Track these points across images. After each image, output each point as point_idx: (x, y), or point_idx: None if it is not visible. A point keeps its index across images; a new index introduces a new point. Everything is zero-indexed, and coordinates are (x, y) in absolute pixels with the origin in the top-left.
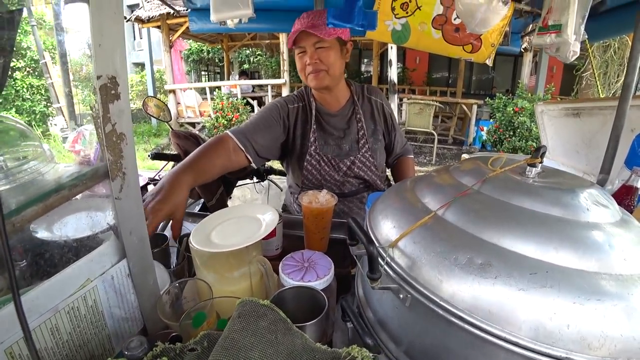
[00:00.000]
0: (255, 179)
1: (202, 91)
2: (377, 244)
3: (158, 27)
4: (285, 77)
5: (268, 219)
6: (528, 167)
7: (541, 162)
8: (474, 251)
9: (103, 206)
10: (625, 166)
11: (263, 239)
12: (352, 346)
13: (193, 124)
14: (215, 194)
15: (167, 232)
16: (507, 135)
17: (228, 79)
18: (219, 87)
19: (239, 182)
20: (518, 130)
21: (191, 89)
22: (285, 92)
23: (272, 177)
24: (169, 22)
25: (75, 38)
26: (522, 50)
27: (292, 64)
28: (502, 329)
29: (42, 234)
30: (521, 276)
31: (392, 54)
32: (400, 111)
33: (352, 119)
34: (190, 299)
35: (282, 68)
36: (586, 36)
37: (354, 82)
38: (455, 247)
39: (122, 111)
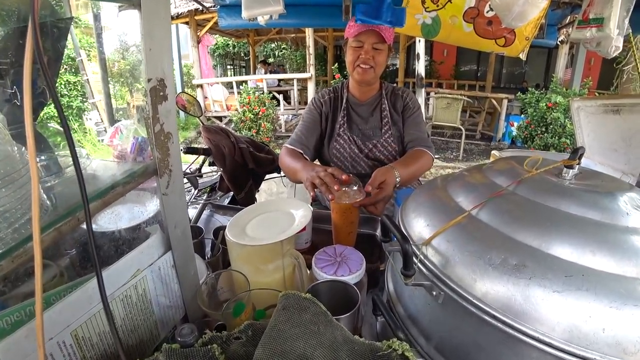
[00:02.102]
0: (282, 173)
1: (228, 85)
2: (411, 242)
3: (186, 23)
4: (311, 71)
5: (301, 214)
6: (565, 169)
7: (579, 164)
8: (509, 252)
9: (142, 200)
10: None
11: None
12: (393, 339)
13: (220, 118)
14: (244, 188)
15: (201, 224)
16: (539, 132)
17: (254, 72)
18: (245, 82)
19: (267, 176)
20: (551, 126)
21: (218, 83)
22: (310, 86)
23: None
24: (196, 17)
25: (110, 37)
26: (558, 43)
27: (317, 58)
28: (536, 329)
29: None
30: (556, 278)
31: (420, 47)
32: (427, 105)
33: (377, 108)
34: (226, 289)
35: (308, 62)
36: (630, 30)
37: (386, 82)
38: (489, 247)
39: (169, 111)
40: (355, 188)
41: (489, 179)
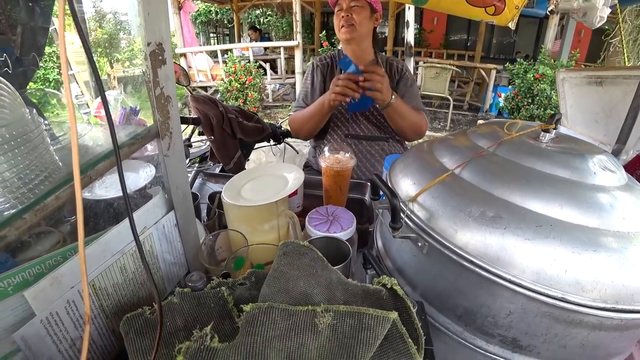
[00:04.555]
0: (272, 142)
1: (212, 54)
2: (399, 198)
3: None
4: (298, 39)
5: (294, 177)
6: (542, 133)
7: (555, 129)
8: (487, 205)
9: (138, 167)
10: None
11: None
12: (383, 276)
13: (205, 88)
14: (233, 158)
15: (195, 190)
16: (525, 103)
17: (238, 41)
18: (230, 50)
19: (256, 145)
20: (537, 97)
21: (202, 52)
22: (297, 54)
23: (289, 139)
24: None
25: (84, 5)
26: (548, 12)
27: (303, 25)
28: (508, 272)
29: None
30: (528, 228)
31: (410, 14)
32: (415, 75)
33: None
34: (224, 249)
35: (295, 29)
36: (616, 1)
37: (381, 53)
38: (469, 202)
39: (167, 76)
40: (347, 155)
41: (472, 142)
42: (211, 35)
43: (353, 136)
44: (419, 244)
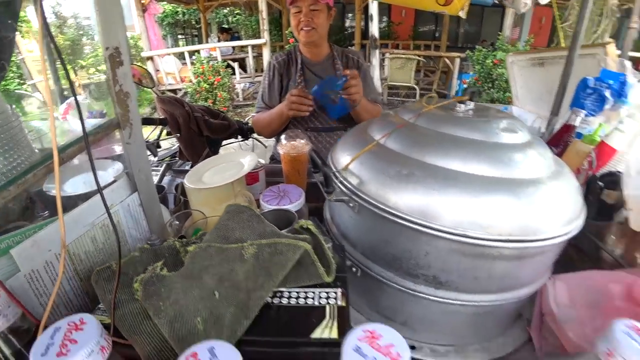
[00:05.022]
0: (240, 138)
1: (180, 56)
2: (333, 168)
3: None
4: (265, 37)
5: (248, 160)
6: (457, 104)
7: (470, 100)
8: (403, 166)
9: (107, 166)
10: (570, 108)
11: (248, 184)
12: (301, 220)
13: (174, 91)
14: (201, 155)
15: (165, 184)
16: (486, 87)
17: (207, 41)
18: (197, 51)
19: (224, 142)
20: (496, 82)
21: (170, 54)
22: (266, 52)
23: (255, 134)
24: None
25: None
26: (495, 1)
27: (272, 22)
28: (421, 218)
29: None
30: (435, 181)
31: (373, 8)
32: (383, 66)
33: (331, 67)
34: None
35: (261, 27)
36: None
37: (337, 46)
38: (389, 165)
39: (125, 74)
40: (302, 141)
41: (399, 116)
42: (179, 36)
43: (312, 129)
44: (351, 205)
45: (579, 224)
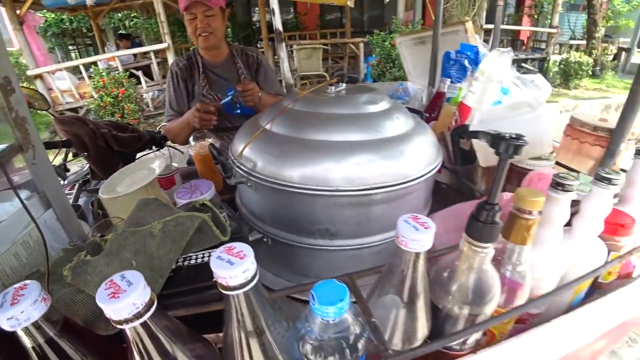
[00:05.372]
0: (154, 148)
1: (75, 70)
2: (231, 156)
3: None
4: (167, 41)
5: (158, 164)
6: (329, 87)
7: (340, 82)
8: (283, 144)
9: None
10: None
11: (165, 188)
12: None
13: (75, 109)
14: (115, 171)
15: (80, 203)
16: (388, 67)
17: (103, 51)
18: (94, 63)
19: (138, 155)
20: (396, 61)
21: (61, 70)
22: (170, 56)
23: (170, 142)
24: None
25: None
26: None
27: (174, 24)
28: (302, 183)
29: None
30: (307, 151)
31: (274, 2)
32: (291, 58)
33: (232, 67)
34: None
35: (162, 31)
36: None
37: (234, 44)
38: (274, 145)
39: (18, 101)
40: (210, 140)
41: (283, 105)
42: (70, 47)
43: (223, 129)
44: (249, 184)
45: (434, 167)
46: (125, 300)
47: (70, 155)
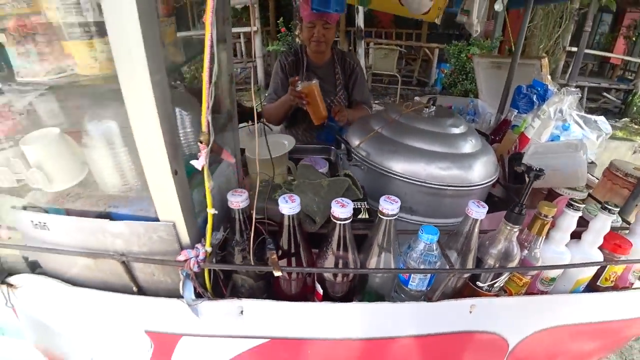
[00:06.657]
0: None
1: None
2: (350, 146)
3: None
4: (257, 25)
5: (289, 141)
6: (424, 109)
7: (434, 106)
8: (391, 145)
9: None
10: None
11: None
12: (344, 170)
13: None
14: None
15: None
16: (460, 79)
17: None
18: None
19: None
20: (470, 74)
21: None
22: (257, 40)
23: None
24: None
25: None
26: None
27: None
28: (399, 174)
29: None
30: (408, 153)
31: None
32: (367, 55)
33: (331, 71)
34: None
35: (252, 16)
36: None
37: (337, 48)
38: (384, 143)
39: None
40: (315, 81)
41: (388, 114)
42: None
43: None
44: (362, 167)
45: (490, 180)
46: (349, 207)
47: None
